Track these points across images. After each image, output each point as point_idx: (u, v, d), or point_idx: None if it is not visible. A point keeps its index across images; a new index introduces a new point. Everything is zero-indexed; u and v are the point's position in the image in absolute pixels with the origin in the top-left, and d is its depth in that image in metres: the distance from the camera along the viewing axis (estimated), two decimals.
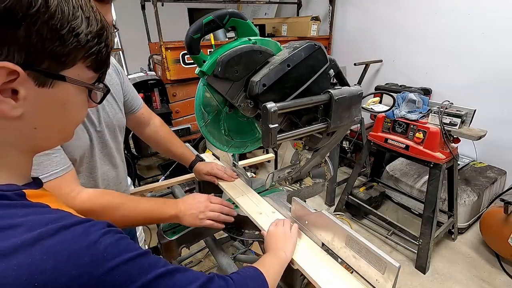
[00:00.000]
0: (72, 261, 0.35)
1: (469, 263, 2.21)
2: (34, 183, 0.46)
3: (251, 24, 0.79)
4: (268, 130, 0.71)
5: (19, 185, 0.42)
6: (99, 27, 0.42)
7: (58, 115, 0.43)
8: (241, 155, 2.70)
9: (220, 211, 0.96)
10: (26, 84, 0.37)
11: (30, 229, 0.35)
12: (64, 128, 0.47)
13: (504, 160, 2.60)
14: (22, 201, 0.40)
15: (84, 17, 0.40)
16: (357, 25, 3.54)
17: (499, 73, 2.47)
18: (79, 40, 0.39)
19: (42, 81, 0.38)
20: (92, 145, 0.91)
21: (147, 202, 0.91)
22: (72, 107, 0.44)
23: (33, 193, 0.42)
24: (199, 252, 2.05)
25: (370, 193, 2.62)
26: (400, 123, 2.13)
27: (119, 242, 0.40)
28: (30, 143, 0.43)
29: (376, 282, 0.69)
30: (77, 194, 0.78)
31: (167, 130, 1.24)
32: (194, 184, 1.44)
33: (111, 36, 0.46)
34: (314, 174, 1.12)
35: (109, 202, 0.83)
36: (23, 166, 0.45)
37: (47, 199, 0.43)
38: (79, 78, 0.42)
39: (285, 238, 0.84)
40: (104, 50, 0.44)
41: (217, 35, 3.01)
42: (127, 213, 0.84)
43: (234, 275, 0.61)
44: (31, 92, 0.38)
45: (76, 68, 0.41)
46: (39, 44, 0.36)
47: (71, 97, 0.43)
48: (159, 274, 0.42)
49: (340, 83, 0.87)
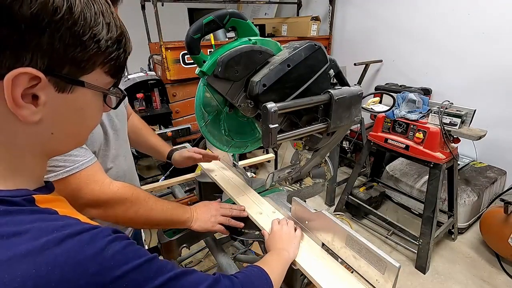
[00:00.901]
0: (79, 271, 0.34)
1: (469, 263, 2.21)
2: (46, 187, 0.46)
3: (251, 24, 0.79)
4: (268, 130, 0.71)
5: (29, 190, 0.41)
6: (119, 33, 0.43)
7: (75, 120, 0.43)
8: (241, 155, 2.70)
9: (230, 215, 0.98)
10: (47, 89, 0.37)
11: (36, 237, 0.34)
12: (80, 133, 0.47)
13: (504, 160, 2.60)
14: (31, 207, 0.39)
15: (105, 23, 0.40)
16: (357, 25, 3.54)
17: (499, 73, 2.46)
18: (99, 46, 0.40)
19: (62, 87, 0.39)
20: (107, 137, 0.92)
21: (166, 201, 0.92)
22: (89, 113, 0.45)
23: (43, 198, 0.42)
24: (199, 252, 2.05)
25: (370, 193, 2.62)
26: (400, 123, 2.13)
27: (126, 249, 0.40)
28: (45, 148, 0.43)
29: (376, 282, 0.69)
30: (111, 181, 0.79)
31: (145, 124, 1.26)
32: (194, 184, 1.44)
33: (130, 42, 0.46)
34: (314, 174, 1.12)
35: (140, 193, 0.84)
36: (37, 170, 0.45)
37: (57, 204, 0.43)
38: (97, 83, 0.43)
39: (289, 238, 0.84)
40: (123, 55, 0.45)
41: (217, 35, 3.01)
42: (154, 206, 0.85)
43: (239, 274, 0.62)
44: (51, 98, 0.38)
45: (95, 73, 0.42)
46: (62, 50, 0.36)
47: (88, 102, 0.43)
48: (167, 279, 0.42)
49: (340, 83, 0.87)
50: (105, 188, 0.77)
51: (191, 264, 2.14)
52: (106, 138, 0.91)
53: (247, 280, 0.61)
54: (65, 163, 0.71)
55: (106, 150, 0.93)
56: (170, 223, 0.93)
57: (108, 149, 0.93)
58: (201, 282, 0.48)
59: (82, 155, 0.75)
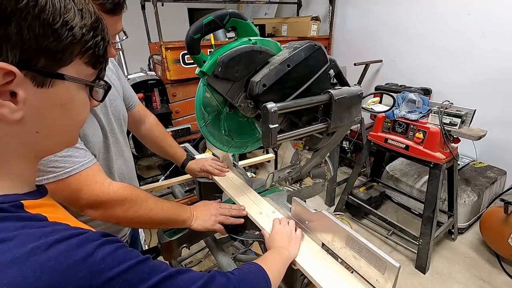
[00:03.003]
0: (68, 276, 0.33)
1: (469, 263, 2.21)
2: (37, 191, 0.44)
3: (251, 24, 0.79)
4: (268, 130, 0.71)
5: (19, 195, 0.40)
6: (93, 19, 0.41)
7: (59, 117, 0.41)
8: (241, 155, 2.70)
9: (229, 215, 0.99)
10: (24, 85, 0.36)
11: (22, 243, 0.33)
12: (67, 131, 0.45)
13: (504, 160, 2.60)
14: (18, 213, 0.38)
15: (77, 9, 0.38)
16: (357, 25, 3.54)
17: (499, 73, 2.47)
18: (74, 34, 0.38)
19: (40, 81, 0.37)
20: (107, 140, 0.92)
21: (166, 201, 0.92)
22: (74, 108, 0.43)
23: (33, 204, 0.40)
24: (199, 252, 2.05)
25: (370, 193, 2.62)
26: (400, 123, 2.13)
27: (117, 251, 0.39)
28: (32, 149, 0.42)
29: (376, 282, 0.69)
30: (110, 182, 0.80)
31: (162, 128, 1.26)
32: (194, 184, 1.44)
33: (107, 29, 0.44)
34: (314, 174, 1.12)
35: (139, 193, 0.85)
36: (25, 174, 0.43)
37: (47, 209, 0.42)
38: (78, 75, 0.41)
39: (291, 238, 0.84)
40: (101, 43, 0.43)
41: (217, 35, 3.01)
42: (154, 206, 0.86)
43: (235, 271, 0.61)
44: (31, 94, 0.36)
45: (74, 65, 0.40)
46: (33, 40, 0.35)
47: (72, 96, 0.41)
48: (161, 279, 0.42)
49: (340, 83, 0.86)
50: (105, 189, 0.77)
51: (191, 264, 2.14)
52: (106, 141, 0.92)
53: (244, 276, 0.60)
54: (65, 164, 0.71)
55: (106, 154, 0.94)
56: (170, 222, 0.93)
57: (108, 153, 0.94)
58: (196, 280, 0.48)
59: (82, 156, 0.75)
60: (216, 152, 1.44)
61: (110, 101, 0.95)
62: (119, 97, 1.01)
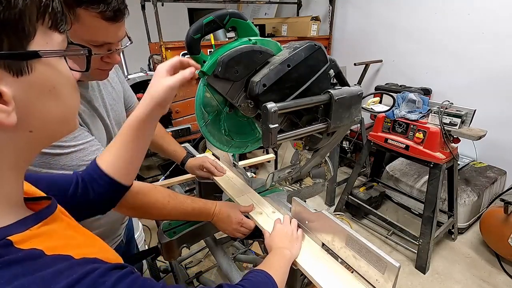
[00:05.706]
0: None
1: (469, 263, 2.22)
2: (35, 215, 0.37)
3: (251, 24, 0.79)
4: (268, 130, 0.71)
5: (4, 228, 0.33)
6: None
7: (53, 106, 0.36)
8: (241, 155, 2.70)
9: (246, 234, 0.99)
10: (3, 78, 0.31)
11: None
12: (64, 117, 0.39)
13: (504, 160, 2.60)
14: (8, 256, 0.31)
15: None
16: (357, 25, 3.54)
17: (499, 73, 2.47)
18: None
19: (17, 68, 0.32)
20: (109, 141, 0.92)
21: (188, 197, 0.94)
22: (63, 89, 0.38)
23: (23, 237, 0.34)
24: (199, 252, 2.05)
25: (370, 193, 2.62)
26: (400, 123, 2.13)
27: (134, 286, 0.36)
28: (24, 155, 0.36)
29: (376, 282, 0.69)
30: None
31: (161, 128, 1.26)
32: (194, 184, 1.44)
33: None
34: (314, 174, 1.12)
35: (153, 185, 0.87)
36: (14, 193, 0.37)
37: (42, 240, 0.36)
38: (51, 47, 0.35)
39: (292, 238, 0.84)
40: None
41: (217, 35, 3.01)
42: (181, 198, 0.89)
43: (245, 283, 0.61)
44: (14, 87, 0.32)
45: (40, 35, 0.34)
46: None
47: (57, 77, 0.36)
48: None
49: (340, 83, 0.87)
50: None
51: (191, 264, 2.14)
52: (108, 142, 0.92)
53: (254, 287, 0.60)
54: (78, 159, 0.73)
55: None
56: (198, 213, 0.95)
57: None
58: None
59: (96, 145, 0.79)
60: (216, 152, 1.44)
61: (110, 106, 0.95)
62: (120, 100, 1.02)
